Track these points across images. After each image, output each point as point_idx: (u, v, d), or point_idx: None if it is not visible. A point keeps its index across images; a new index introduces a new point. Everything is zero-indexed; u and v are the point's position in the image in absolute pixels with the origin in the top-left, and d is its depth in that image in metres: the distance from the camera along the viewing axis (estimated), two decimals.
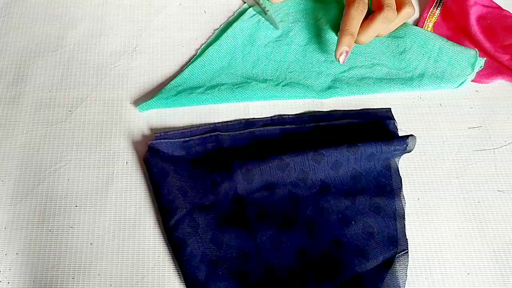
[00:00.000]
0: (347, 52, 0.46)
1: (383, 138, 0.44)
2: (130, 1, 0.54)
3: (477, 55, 0.49)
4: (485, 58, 0.50)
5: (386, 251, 0.41)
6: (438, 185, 0.45)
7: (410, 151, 0.45)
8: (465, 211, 0.44)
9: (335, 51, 0.46)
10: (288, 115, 0.48)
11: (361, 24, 0.47)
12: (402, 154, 0.45)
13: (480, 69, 0.49)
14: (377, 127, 0.47)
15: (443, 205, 0.44)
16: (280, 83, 0.49)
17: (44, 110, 0.47)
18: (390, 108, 0.48)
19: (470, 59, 0.49)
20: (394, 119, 0.47)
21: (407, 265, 0.41)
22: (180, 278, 0.41)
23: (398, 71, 0.50)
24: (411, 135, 0.44)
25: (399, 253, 0.41)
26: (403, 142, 0.44)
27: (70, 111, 0.48)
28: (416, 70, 0.50)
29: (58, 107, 0.48)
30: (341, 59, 0.46)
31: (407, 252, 0.42)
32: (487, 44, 0.50)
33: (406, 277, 0.41)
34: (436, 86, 0.49)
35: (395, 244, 0.42)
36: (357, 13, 0.46)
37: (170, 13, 0.53)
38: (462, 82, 0.49)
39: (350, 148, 0.43)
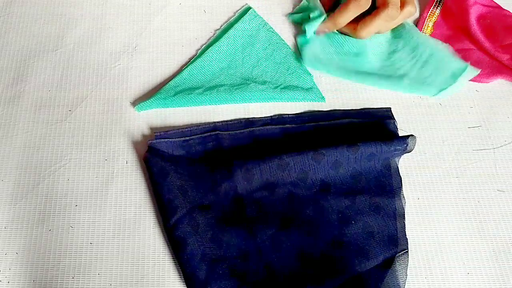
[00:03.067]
0: (324, 32, 0.49)
1: (383, 138, 0.44)
2: (130, 1, 0.54)
3: (467, 68, 0.48)
4: (476, 72, 0.49)
5: (386, 251, 0.41)
6: (438, 184, 0.45)
7: (410, 151, 0.45)
8: (465, 211, 0.44)
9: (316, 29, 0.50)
10: (288, 114, 0.48)
11: (363, 19, 0.47)
12: (402, 154, 0.45)
13: (465, 81, 0.49)
14: (377, 127, 0.47)
15: (443, 205, 0.44)
16: (279, 85, 0.48)
17: (44, 110, 0.48)
18: (390, 108, 0.48)
19: (457, 70, 0.49)
20: (394, 118, 0.47)
21: (407, 264, 0.41)
22: (180, 277, 0.41)
23: (381, 68, 0.49)
24: (411, 135, 0.44)
25: (399, 252, 0.41)
26: (403, 142, 0.44)
27: (70, 110, 0.48)
28: (398, 71, 0.49)
29: (58, 107, 0.48)
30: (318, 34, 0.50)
31: (407, 251, 0.42)
32: (487, 44, 0.50)
33: (406, 277, 0.41)
34: (414, 90, 0.49)
35: (395, 243, 0.42)
36: (355, 7, 0.46)
37: (170, 13, 0.53)
38: (442, 90, 0.48)
39: (350, 148, 0.43)
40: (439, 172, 0.46)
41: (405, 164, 0.46)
